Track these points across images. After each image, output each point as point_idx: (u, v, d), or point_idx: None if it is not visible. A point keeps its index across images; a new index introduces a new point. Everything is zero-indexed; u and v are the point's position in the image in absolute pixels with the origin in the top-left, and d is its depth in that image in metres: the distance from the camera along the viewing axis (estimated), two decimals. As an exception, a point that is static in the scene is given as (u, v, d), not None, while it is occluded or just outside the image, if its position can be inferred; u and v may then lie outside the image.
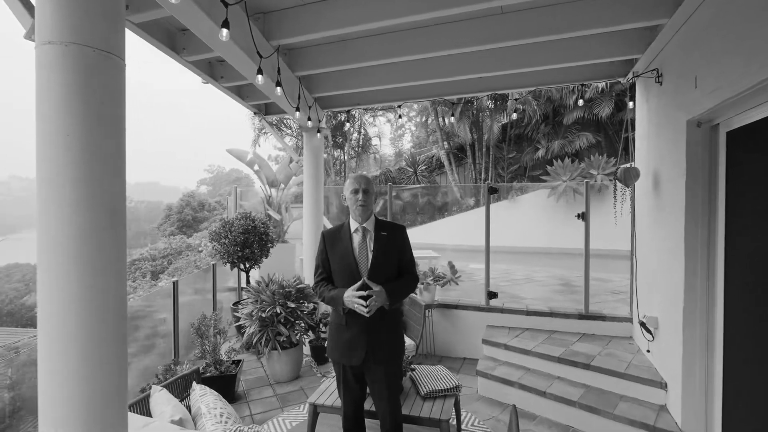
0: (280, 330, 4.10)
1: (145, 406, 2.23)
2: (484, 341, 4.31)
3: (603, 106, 13.06)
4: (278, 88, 3.19)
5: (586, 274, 4.47)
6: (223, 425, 2.13)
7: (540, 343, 4.06)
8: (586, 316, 4.34)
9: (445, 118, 15.94)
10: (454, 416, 3.25)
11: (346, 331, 2.30)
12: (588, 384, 3.52)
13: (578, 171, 12.14)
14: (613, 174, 3.70)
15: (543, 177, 13.16)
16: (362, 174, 2.43)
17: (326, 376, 3.04)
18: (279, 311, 4.13)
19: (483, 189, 4.74)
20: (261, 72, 2.78)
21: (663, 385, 3.13)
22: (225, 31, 2.19)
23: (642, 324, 3.54)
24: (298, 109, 3.87)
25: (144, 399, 2.25)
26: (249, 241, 5.04)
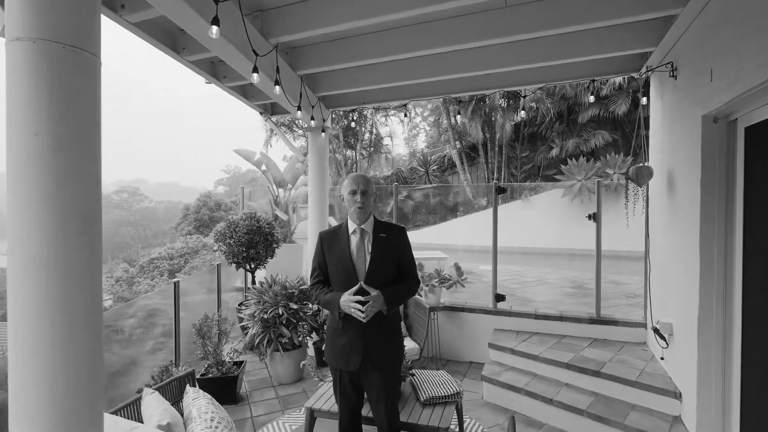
0: (282, 331, 4.06)
1: (136, 410, 2.21)
2: (491, 345, 4.19)
3: (619, 103, 12.71)
4: (277, 87, 3.15)
5: (598, 277, 4.31)
6: (213, 430, 2.09)
7: (548, 348, 3.92)
8: (598, 321, 4.18)
9: (456, 117, 15.75)
10: (456, 423, 3.15)
11: (342, 336, 2.23)
12: (598, 392, 3.38)
13: (593, 170, 11.84)
14: (625, 173, 3.54)
15: (557, 176, 12.89)
16: (361, 174, 2.34)
17: (324, 380, 2.97)
18: (281, 312, 4.09)
19: (491, 189, 4.62)
20: (256, 70, 2.73)
21: (677, 395, 2.97)
22: (215, 29, 2.15)
23: (655, 330, 3.37)
24: (300, 108, 3.82)
25: (135, 402, 2.22)
26: (254, 242, 5.03)
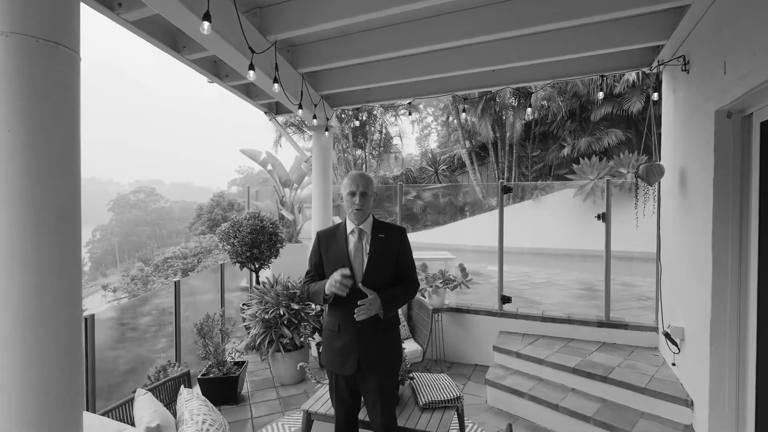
0: (284, 332, 4.03)
1: (128, 411, 2.19)
2: (495, 348, 4.10)
3: (633, 101, 12.41)
4: (275, 85, 3.11)
5: (607, 279, 4.18)
6: (202, 433, 2.05)
7: (555, 352, 3.81)
8: (607, 324, 4.05)
9: (463, 116, 15.59)
10: (458, 428, 3.07)
11: (338, 338, 2.17)
12: (605, 398, 3.26)
13: (606, 169, 11.59)
14: (635, 172, 3.42)
15: (568, 176, 12.66)
16: (361, 173, 2.25)
17: (321, 382, 2.93)
18: (282, 313, 4.06)
19: (497, 188, 4.53)
20: (253, 67, 2.69)
21: (689, 403, 2.85)
22: (206, 24, 2.11)
23: (666, 335, 3.24)
24: (301, 107, 3.78)
25: (127, 403, 2.20)
26: (257, 241, 5.01)
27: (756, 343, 2.31)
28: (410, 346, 3.98)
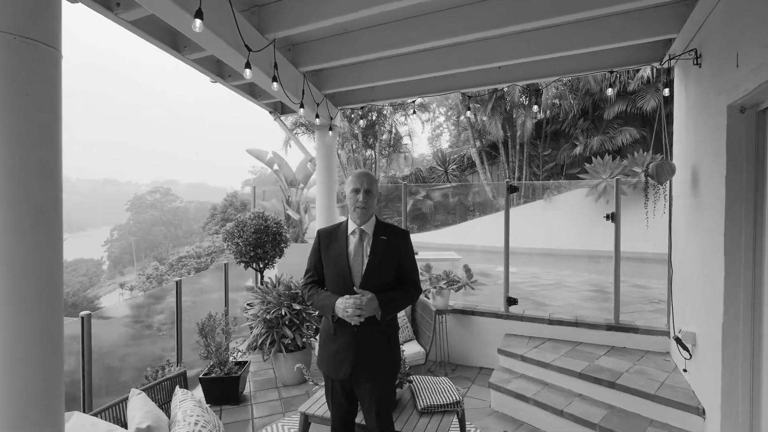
0: (285, 332, 4.01)
1: (121, 411, 2.18)
2: (500, 351, 4.01)
3: (648, 98, 12.11)
4: (274, 84, 3.09)
5: (617, 281, 4.05)
6: (193, 435, 2.03)
7: (561, 356, 3.70)
8: (616, 327, 3.93)
9: (469, 114, 15.41)
10: (458, 433, 2.99)
11: (334, 342, 2.11)
12: (613, 404, 3.15)
13: (620, 168, 11.33)
14: (645, 170, 3.30)
15: (580, 175, 12.42)
16: (365, 171, 2.21)
17: (318, 384, 2.89)
18: (284, 313, 4.04)
19: (503, 187, 4.44)
20: (249, 66, 2.67)
21: (700, 411, 2.73)
22: (198, 22, 2.09)
23: (677, 340, 3.12)
24: (303, 106, 3.75)
25: (120, 403, 2.19)
26: (261, 241, 5.00)
27: (771, 350, 2.20)
28: (413, 348, 3.92)
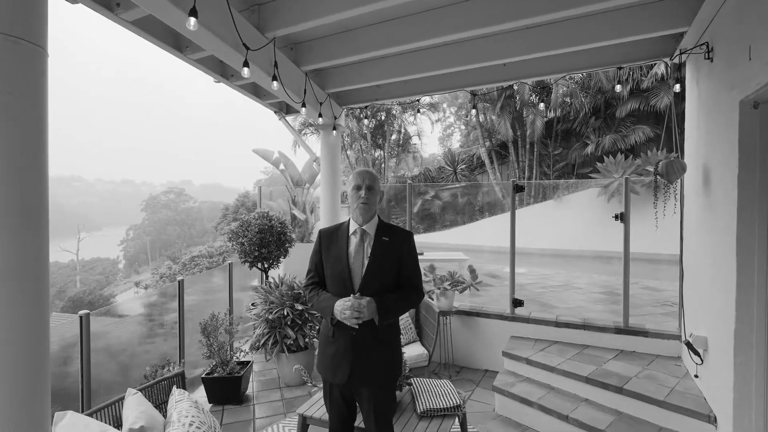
0: (287, 332, 3.99)
1: (118, 411, 2.17)
2: (505, 354, 3.93)
3: (662, 96, 11.83)
4: (274, 83, 3.06)
5: (626, 282, 3.94)
6: (186, 437, 2.01)
7: (567, 359, 3.62)
8: (625, 330, 3.82)
9: (474, 112, 15.27)
10: (460, 437, 2.93)
11: (332, 345, 2.06)
12: (620, 410, 3.06)
13: (633, 167, 11.09)
14: (654, 168, 3.19)
15: (592, 174, 12.20)
16: (367, 169, 2.16)
17: (317, 386, 2.86)
18: (286, 313, 4.03)
19: (509, 187, 4.35)
20: (247, 64, 2.65)
21: (711, 419, 2.62)
22: (193, 20, 2.08)
23: (688, 344, 3.01)
24: (305, 105, 3.73)
25: (117, 402, 2.19)
26: (265, 241, 5.00)
27: (786, 357, 2.10)
28: (416, 350, 3.87)
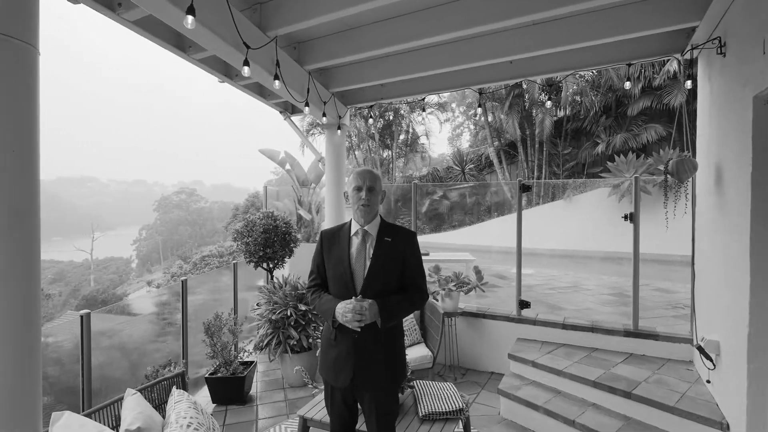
0: (291, 333, 3.97)
1: (117, 411, 2.17)
2: (511, 356, 3.86)
3: (675, 94, 11.60)
4: (276, 82, 3.05)
5: (635, 284, 3.85)
6: (185, 438, 2.00)
7: (575, 363, 3.54)
8: (634, 333, 3.72)
9: (479, 111, 15.16)
10: (463, 441, 2.88)
11: (334, 348, 2.02)
12: (629, 416, 2.98)
13: (644, 167, 10.88)
14: (664, 167, 3.10)
15: (602, 174, 12.01)
16: (367, 169, 2.12)
17: (318, 387, 2.83)
18: (290, 313, 4.01)
19: (516, 186, 4.29)
20: (247, 63, 2.63)
21: (724, 426, 2.54)
22: (190, 18, 2.06)
23: (699, 348, 2.92)
24: (308, 104, 3.71)
25: (116, 403, 2.18)
26: (270, 241, 4.99)
27: (802, 363, 2.01)
28: (421, 351, 3.83)
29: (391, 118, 18.18)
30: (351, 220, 2.12)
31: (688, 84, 3.35)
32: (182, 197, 65.15)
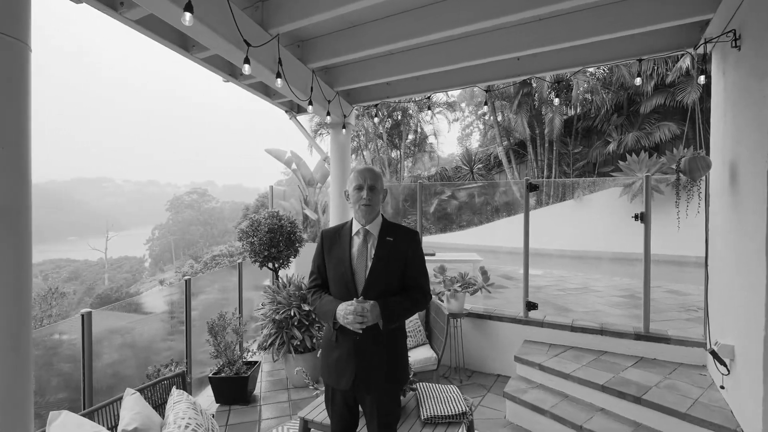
0: (294, 333, 3.95)
1: (115, 411, 2.16)
2: (517, 359, 3.79)
3: (689, 91, 11.34)
4: (278, 80, 3.02)
5: (646, 286, 3.74)
6: (182, 439, 1.97)
7: (583, 366, 3.45)
8: (645, 336, 3.62)
9: (485, 109, 14.98)
10: (467, 445, 2.82)
11: (335, 350, 1.98)
12: (638, 422, 2.89)
13: (657, 166, 10.65)
14: (676, 166, 3.01)
15: (614, 173, 11.79)
16: (368, 167, 2.07)
17: (318, 389, 2.80)
18: (293, 314, 3.99)
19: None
20: (248, 61, 2.61)
21: (738, 435, 2.44)
22: (188, 16, 2.04)
23: (713, 353, 2.82)
24: (311, 103, 3.68)
25: (115, 402, 2.17)
26: (275, 240, 4.98)
27: (822, 370, 1.91)
28: (425, 353, 3.77)
29: (400, 118, 18.13)
30: (352, 220, 2.07)
31: (702, 79, 3.24)
32: (194, 197, 65.88)
